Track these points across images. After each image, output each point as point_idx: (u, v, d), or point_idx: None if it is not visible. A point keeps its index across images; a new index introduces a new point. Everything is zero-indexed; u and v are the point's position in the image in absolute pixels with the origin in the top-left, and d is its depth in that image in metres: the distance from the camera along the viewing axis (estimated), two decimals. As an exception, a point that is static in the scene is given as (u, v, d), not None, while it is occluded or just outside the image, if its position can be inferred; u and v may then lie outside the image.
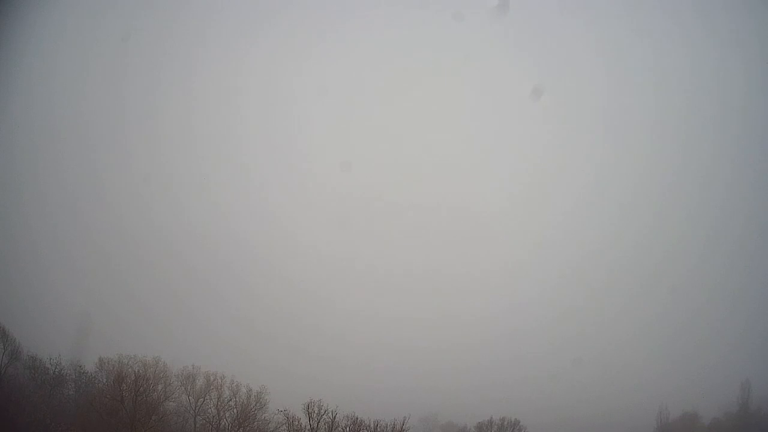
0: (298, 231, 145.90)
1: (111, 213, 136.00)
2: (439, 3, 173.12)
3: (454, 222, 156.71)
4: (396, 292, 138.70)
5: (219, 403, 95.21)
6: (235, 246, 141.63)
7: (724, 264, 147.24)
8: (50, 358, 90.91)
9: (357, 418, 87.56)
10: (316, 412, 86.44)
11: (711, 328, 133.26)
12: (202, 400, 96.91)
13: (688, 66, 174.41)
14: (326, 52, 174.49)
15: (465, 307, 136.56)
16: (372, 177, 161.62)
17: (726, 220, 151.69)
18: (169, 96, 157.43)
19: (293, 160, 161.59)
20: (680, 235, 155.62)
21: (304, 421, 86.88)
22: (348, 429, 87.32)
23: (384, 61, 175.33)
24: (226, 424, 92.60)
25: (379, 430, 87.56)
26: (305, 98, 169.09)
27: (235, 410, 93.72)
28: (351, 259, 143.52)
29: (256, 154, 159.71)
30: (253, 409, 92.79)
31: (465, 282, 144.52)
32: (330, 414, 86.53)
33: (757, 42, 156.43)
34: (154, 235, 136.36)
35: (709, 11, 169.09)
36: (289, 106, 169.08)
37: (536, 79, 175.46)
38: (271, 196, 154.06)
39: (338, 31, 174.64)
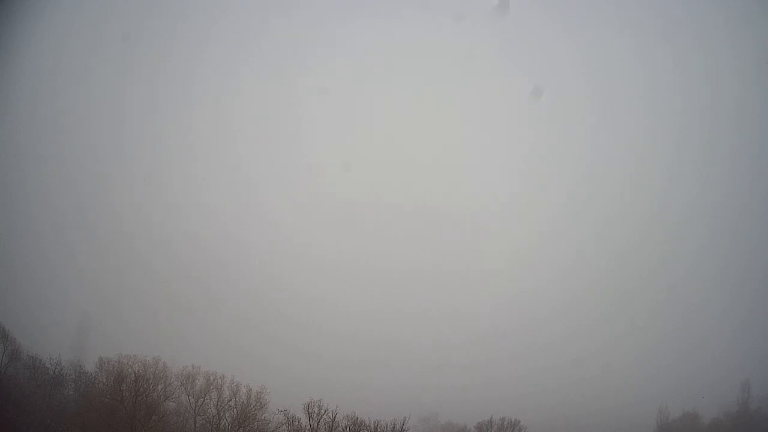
0: (297, 231, 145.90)
1: (111, 213, 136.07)
2: (439, 3, 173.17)
3: (453, 221, 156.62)
4: (395, 293, 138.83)
5: (219, 403, 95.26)
6: (234, 246, 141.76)
7: (723, 262, 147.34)
8: (50, 358, 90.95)
9: (357, 418, 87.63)
10: (316, 412, 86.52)
11: (711, 327, 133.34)
12: (202, 400, 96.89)
13: (685, 67, 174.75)
14: (325, 53, 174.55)
15: (465, 306, 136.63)
16: (371, 177, 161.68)
17: (725, 217, 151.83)
18: (169, 97, 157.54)
19: (293, 161, 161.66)
20: (679, 233, 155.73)
21: (304, 421, 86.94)
22: (348, 429, 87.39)
23: (383, 61, 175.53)
24: (226, 424, 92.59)
25: (379, 430, 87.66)
26: (304, 99, 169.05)
27: (235, 410, 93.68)
28: (350, 259, 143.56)
29: (256, 156, 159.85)
30: (253, 409, 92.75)
31: (464, 281, 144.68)
32: (330, 414, 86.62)
33: (752, 43, 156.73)
34: (154, 235, 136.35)
35: (706, 14, 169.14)
36: (288, 107, 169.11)
37: (536, 80, 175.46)
38: (270, 196, 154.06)
39: (337, 31, 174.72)
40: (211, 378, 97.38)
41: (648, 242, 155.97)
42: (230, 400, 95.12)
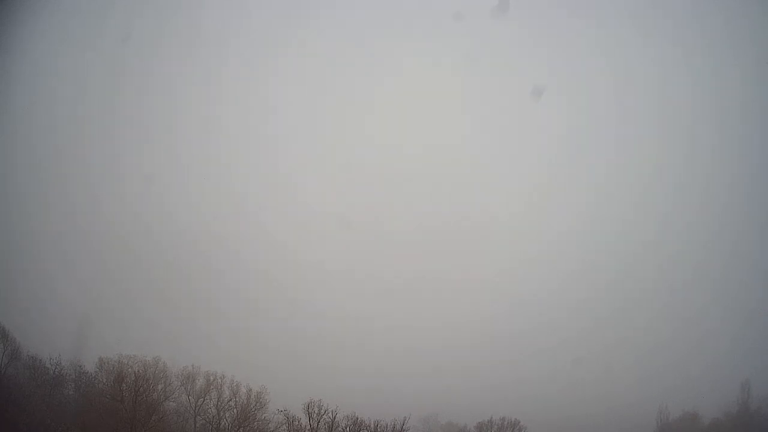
0: (297, 235, 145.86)
1: (112, 214, 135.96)
2: (439, 3, 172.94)
3: (455, 225, 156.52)
4: (396, 295, 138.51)
5: (219, 403, 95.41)
6: (233, 248, 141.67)
7: (723, 263, 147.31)
8: (50, 358, 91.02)
9: (357, 418, 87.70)
10: (316, 412, 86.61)
11: (711, 327, 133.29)
12: (202, 400, 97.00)
13: (691, 67, 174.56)
14: (324, 53, 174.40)
15: (466, 307, 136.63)
16: (371, 181, 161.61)
17: (725, 218, 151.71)
18: (167, 100, 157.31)
19: (293, 165, 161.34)
20: (679, 234, 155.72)
21: (304, 421, 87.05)
22: (348, 429, 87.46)
23: (383, 62, 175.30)
24: (226, 424, 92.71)
25: (379, 430, 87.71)
26: (302, 100, 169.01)
27: (235, 410, 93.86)
28: (351, 261, 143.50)
29: (256, 160, 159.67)
30: (253, 409, 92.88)
31: (465, 283, 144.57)
32: (330, 414, 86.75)
33: (760, 41, 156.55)
34: (154, 237, 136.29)
35: (711, 11, 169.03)
36: (286, 108, 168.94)
37: (537, 79, 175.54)
38: (271, 204, 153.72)
39: (336, 31, 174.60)
40: (211, 378, 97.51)
41: (649, 243, 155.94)
42: (230, 400, 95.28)
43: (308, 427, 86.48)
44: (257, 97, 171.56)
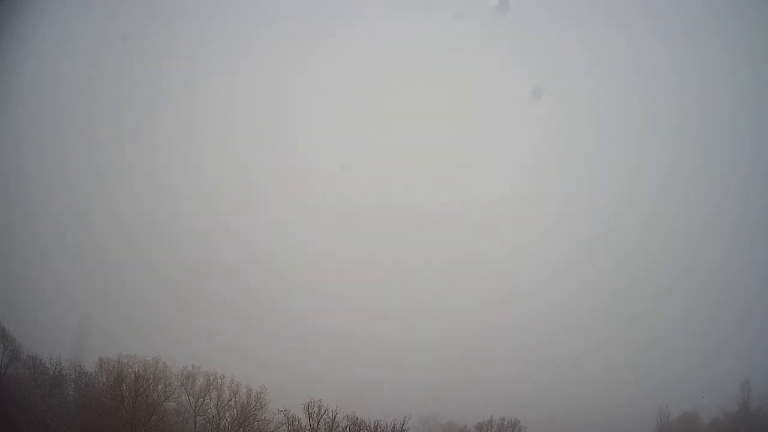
0: (298, 231, 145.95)
1: (112, 214, 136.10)
2: (439, 3, 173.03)
3: (455, 219, 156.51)
4: (396, 292, 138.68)
5: (219, 403, 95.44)
6: (234, 246, 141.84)
7: (723, 263, 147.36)
8: (50, 358, 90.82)
9: (357, 418, 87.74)
10: (316, 412, 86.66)
11: (711, 327, 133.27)
12: (202, 400, 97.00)
13: (685, 66, 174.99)
14: (325, 53, 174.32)
15: (466, 307, 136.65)
16: (373, 176, 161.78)
17: (724, 215, 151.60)
18: (169, 97, 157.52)
19: (295, 161, 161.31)
20: (678, 232, 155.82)
21: (304, 421, 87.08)
22: (348, 429, 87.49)
23: (384, 62, 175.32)
24: (226, 424, 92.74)
25: (379, 430, 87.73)
26: (305, 99, 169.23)
27: (235, 410, 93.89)
28: (349, 258, 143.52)
29: (258, 156, 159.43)
30: (253, 409, 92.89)
31: (462, 280, 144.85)
32: (330, 414, 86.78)
33: (748, 43, 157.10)
34: (153, 235, 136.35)
35: (706, 13, 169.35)
36: (288, 107, 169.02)
37: (536, 79, 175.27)
38: (272, 197, 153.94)
39: (338, 31, 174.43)
40: (211, 378, 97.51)
41: (648, 243, 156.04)
42: (230, 400, 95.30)
43: (308, 427, 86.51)
44: (263, 97, 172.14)
